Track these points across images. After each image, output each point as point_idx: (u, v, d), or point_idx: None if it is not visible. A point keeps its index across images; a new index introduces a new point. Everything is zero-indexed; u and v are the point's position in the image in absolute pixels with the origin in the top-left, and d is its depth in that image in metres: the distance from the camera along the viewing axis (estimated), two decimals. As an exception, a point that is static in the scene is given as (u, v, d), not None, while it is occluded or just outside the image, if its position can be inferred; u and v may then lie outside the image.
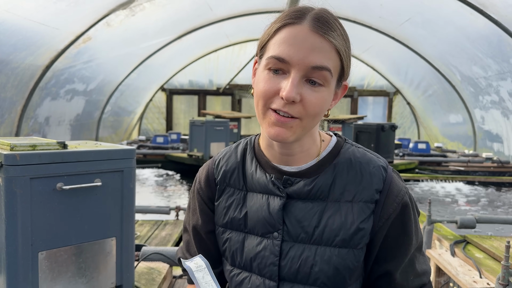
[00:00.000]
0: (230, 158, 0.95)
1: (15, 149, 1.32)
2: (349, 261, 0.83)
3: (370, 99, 12.30)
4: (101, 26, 6.44)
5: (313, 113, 0.78)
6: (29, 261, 1.35)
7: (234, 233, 0.92)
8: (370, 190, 0.84)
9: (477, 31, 6.68)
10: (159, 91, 12.19)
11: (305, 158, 0.87)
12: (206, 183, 0.97)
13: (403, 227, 0.85)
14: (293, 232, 0.85)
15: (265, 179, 0.87)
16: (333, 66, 0.78)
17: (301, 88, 0.76)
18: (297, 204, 0.85)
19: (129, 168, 1.57)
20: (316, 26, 0.76)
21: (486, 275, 2.19)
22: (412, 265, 0.87)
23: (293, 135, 0.79)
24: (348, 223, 0.82)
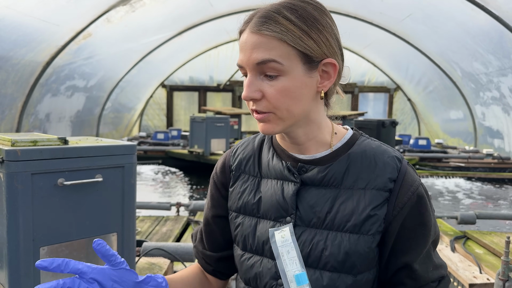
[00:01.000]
0: (248, 147, 0.99)
1: (16, 144, 1.32)
2: (359, 246, 0.84)
3: (370, 95, 12.29)
4: (101, 22, 6.43)
5: (281, 104, 0.81)
6: (31, 257, 1.36)
7: (247, 218, 0.94)
8: (383, 178, 0.85)
9: (478, 27, 6.67)
10: (160, 88, 12.18)
11: (315, 147, 0.89)
12: (221, 169, 1.01)
13: (420, 218, 0.85)
14: (305, 217, 0.86)
15: (281, 165, 0.89)
16: (279, 54, 0.79)
17: (260, 84, 0.81)
18: (311, 190, 0.87)
19: (130, 164, 1.57)
20: (253, 27, 0.81)
21: (486, 271, 2.20)
22: (429, 257, 0.88)
23: (277, 127, 0.83)
24: (359, 209, 0.84)
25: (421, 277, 0.87)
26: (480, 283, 2.08)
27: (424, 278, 0.87)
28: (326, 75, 0.85)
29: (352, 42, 10.80)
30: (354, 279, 0.85)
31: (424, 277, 0.87)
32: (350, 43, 10.97)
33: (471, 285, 2.08)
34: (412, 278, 0.87)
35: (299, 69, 0.81)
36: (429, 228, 0.86)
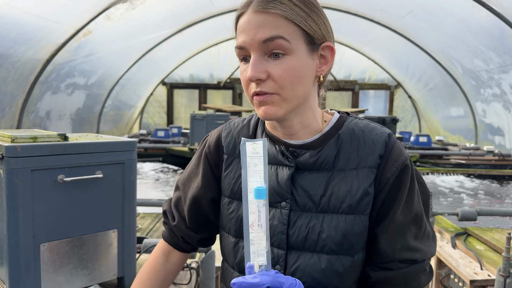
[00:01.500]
0: (243, 130, 0.97)
1: (16, 141, 1.32)
2: (356, 227, 0.84)
3: (371, 93, 12.28)
4: (101, 20, 6.42)
5: (287, 83, 0.80)
6: (31, 253, 1.35)
7: (241, 203, 0.92)
8: (373, 155, 0.85)
9: (479, 23, 6.65)
10: (160, 85, 12.17)
11: (307, 135, 0.89)
12: (215, 148, 0.99)
13: (397, 191, 0.85)
14: (300, 202, 0.86)
15: (274, 150, 0.89)
16: (286, 32, 0.79)
17: (265, 65, 0.79)
18: (304, 175, 0.86)
19: (130, 160, 1.56)
20: (256, 6, 0.80)
21: (487, 267, 2.20)
22: (403, 236, 0.86)
23: (280, 109, 0.82)
24: (353, 189, 0.83)
25: (385, 252, 0.86)
26: (481, 279, 2.08)
27: (388, 255, 0.86)
28: (324, 60, 0.86)
29: (353, 39, 10.78)
30: (352, 260, 0.85)
31: (389, 253, 0.86)
32: (351, 40, 10.95)
33: (472, 281, 2.08)
34: (377, 252, 0.87)
35: (303, 50, 0.81)
36: (400, 202, 0.85)
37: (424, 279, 0.91)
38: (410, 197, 0.86)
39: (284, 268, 0.86)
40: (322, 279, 0.84)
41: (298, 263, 0.85)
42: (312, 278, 0.84)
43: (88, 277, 1.50)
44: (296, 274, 0.85)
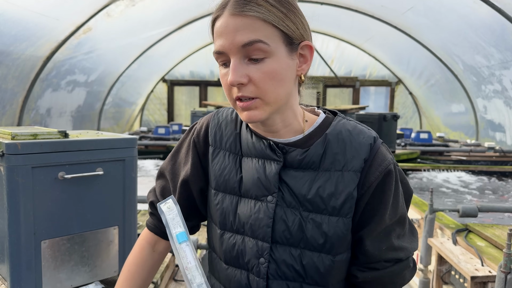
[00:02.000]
0: (230, 123, 0.97)
1: (16, 138, 1.32)
2: (338, 229, 0.85)
3: (372, 89, 12.26)
4: (101, 17, 6.41)
5: (268, 87, 0.79)
6: (32, 250, 1.36)
7: (227, 196, 0.93)
8: (359, 159, 0.85)
9: (480, 19, 6.63)
10: (160, 82, 12.16)
11: (288, 133, 0.89)
12: (204, 138, 0.98)
13: (382, 196, 0.85)
14: (286, 198, 0.86)
15: (262, 144, 0.89)
16: (264, 35, 0.78)
17: (246, 69, 0.79)
18: (290, 172, 0.87)
19: (130, 157, 1.56)
20: (233, 9, 0.79)
21: (488, 263, 2.20)
22: (387, 237, 0.88)
23: (264, 113, 0.82)
24: (338, 192, 0.84)
25: (371, 253, 0.88)
26: (482, 275, 2.08)
27: (374, 256, 0.88)
28: (303, 58, 0.85)
29: (353, 35, 10.75)
30: (332, 259, 0.86)
31: (375, 255, 0.88)
32: (352, 37, 10.92)
33: (472, 277, 2.08)
34: (362, 253, 0.88)
35: (283, 51, 0.81)
36: (387, 206, 0.86)
37: (409, 275, 0.94)
38: (396, 200, 0.87)
39: (268, 260, 0.87)
40: (302, 273, 0.86)
41: (282, 257, 0.86)
42: (295, 271, 0.86)
43: (89, 274, 1.51)
44: (279, 266, 0.86)
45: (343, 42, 11.19)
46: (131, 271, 1.03)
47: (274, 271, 0.87)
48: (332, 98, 11.95)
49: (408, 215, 0.94)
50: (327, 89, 11.84)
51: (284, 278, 0.87)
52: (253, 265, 0.88)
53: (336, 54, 11.51)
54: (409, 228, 0.93)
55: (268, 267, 0.87)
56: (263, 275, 0.87)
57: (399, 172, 0.90)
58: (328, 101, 11.81)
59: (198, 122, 1.03)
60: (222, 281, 0.96)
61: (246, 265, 0.90)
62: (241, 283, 0.91)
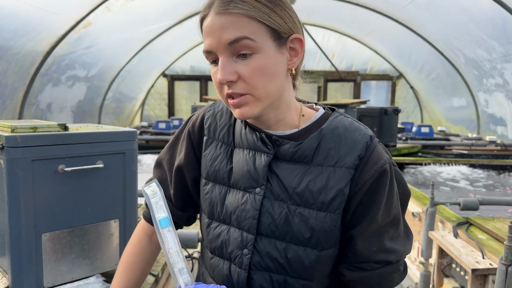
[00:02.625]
0: (226, 113, 0.97)
1: (16, 131, 1.31)
2: (326, 224, 0.84)
3: (373, 83, 12.22)
4: (101, 11, 6.38)
5: (258, 82, 0.80)
6: (33, 243, 1.36)
7: (217, 186, 0.94)
8: (353, 156, 0.85)
9: (482, 12, 6.59)
10: (161, 77, 12.13)
11: (283, 127, 0.89)
12: (199, 128, 1.00)
13: (375, 195, 0.85)
14: (274, 190, 0.86)
15: (254, 136, 0.89)
16: (250, 31, 0.78)
17: (234, 66, 0.79)
18: (282, 165, 0.87)
19: (131, 150, 1.56)
20: (218, 7, 0.79)
21: (489, 256, 2.20)
22: (379, 238, 0.87)
23: (256, 109, 0.82)
24: (328, 187, 0.84)
25: (361, 253, 0.87)
26: (482, 268, 2.08)
27: (364, 256, 0.87)
28: (294, 52, 0.86)
29: (354, 29, 10.70)
30: (318, 254, 0.86)
31: (364, 255, 0.87)
32: (353, 31, 10.87)
33: (473, 270, 2.08)
34: (352, 252, 0.88)
35: (271, 46, 0.81)
36: (380, 206, 0.85)
37: (398, 278, 0.93)
38: (389, 200, 0.87)
39: (251, 252, 0.87)
40: (286, 266, 0.86)
41: (266, 249, 0.86)
42: (278, 264, 0.86)
43: (90, 267, 1.51)
44: (263, 258, 0.87)
45: (344, 36, 11.14)
46: (129, 262, 1.03)
47: (257, 263, 0.87)
48: (333, 93, 11.92)
49: (409, 208, 0.93)
50: (328, 84, 11.81)
51: (267, 270, 0.87)
52: (236, 256, 0.88)
53: (337, 48, 11.47)
54: (404, 231, 0.92)
55: (251, 259, 0.87)
56: (245, 266, 0.87)
57: (396, 173, 0.89)
58: (329, 95, 11.79)
59: (195, 113, 1.04)
60: (208, 269, 0.97)
61: (229, 255, 0.90)
62: (222, 273, 0.91)
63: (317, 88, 11.78)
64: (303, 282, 0.87)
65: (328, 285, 0.92)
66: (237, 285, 0.88)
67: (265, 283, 0.87)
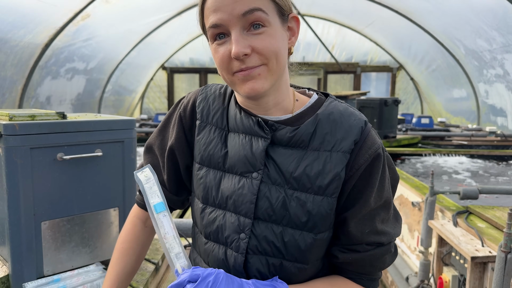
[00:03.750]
0: (219, 99, 0.97)
1: (14, 119, 1.31)
2: (322, 208, 0.85)
3: (373, 75, 12.18)
4: (99, 3, 6.34)
5: (272, 54, 0.80)
6: (32, 231, 1.36)
7: (211, 171, 0.93)
8: (348, 140, 0.85)
9: (482, 2, 6.55)
10: (160, 70, 12.10)
11: (279, 111, 0.90)
12: (190, 112, 0.98)
13: (369, 178, 0.86)
14: (271, 175, 0.87)
15: (250, 120, 0.89)
16: (263, 4, 0.79)
17: (247, 40, 0.79)
18: (279, 150, 0.87)
19: (129, 139, 1.56)
20: None
21: (488, 244, 2.20)
22: (371, 220, 0.89)
23: (266, 82, 0.81)
24: (325, 171, 0.84)
25: (354, 235, 0.89)
26: (482, 255, 2.08)
27: (356, 238, 0.89)
28: (291, 31, 0.87)
29: (354, 21, 10.65)
30: (314, 238, 0.87)
31: (357, 237, 0.89)
32: (352, 22, 10.82)
33: (473, 258, 2.09)
34: (345, 234, 0.89)
35: (278, 21, 0.82)
36: (373, 189, 0.86)
37: (389, 259, 0.95)
38: (382, 184, 0.88)
39: (248, 236, 0.87)
40: (283, 250, 0.87)
41: (263, 233, 0.87)
42: (275, 247, 0.87)
43: (90, 255, 1.51)
44: (260, 242, 0.87)
45: (344, 27, 11.09)
46: (124, 248, 1.03)
47: (254, 247, 0.87)
48: (333, 84, 11.89)
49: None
50: (328, 75, 11.78)
51: (264, 254, 0.87)
52: (233, 240, 0.88)
53: (337, 40, 11.42)
54: (393, 214, 0.94)
55: (248, 243, 0.87)
56: (242, 250, 0.87)
57: (387, 158, 0.91)
58: (329, 87, 11.76)
59: (186, 96, 1.03)
60: (202, 255, 0.96)
61: (225, 240, 0.90)
62: (218, 257, 0.91)
63: (317, 80, 11.76)
64: (299, 265, 0.88)
65: (321, 268, 0.94)
66: (234, 269, 0.89)
67: (262, 266, 0.88)
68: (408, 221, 3.45)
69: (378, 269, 0.94)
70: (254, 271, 0.88)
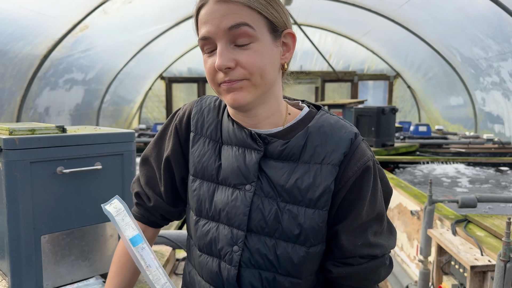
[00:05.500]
0: (213, 111, 0.97)
1: (14, 133, 1.32)
2: (314, 221, 0.85)
3: (370, 83, 12.24)
4: (98, 14, 6.38)
5: (256, 69, 0.80)
6: (32, 245, 1.36)
7: (205, 183, 0.93)
8: (338, 153, 0.86)
9: (477, 11, 6.61)
10: (158, 80, 12.14)
11: (270, 125, 0.90)
12: (186, 124, 0.99)
13: (359, 191, 0.86)
14: (264, 188, 0.87)
15: (243, 133, 0.89)
16: (250, 20, 0.80)
17: (233, 53, 0.80)
18: (270, 163, 0.88)
19: (129, 152, 1.57)
20: None
21: (488, 253, 2.21)
22: (363, 233, 0.88)
23: (249, 94, 0.82)
24: (316, 184, 0.85)
25: (346, 248, 0.88)
26: (481, 264, 2.09)
27: (349, 251, 0.89)
28: (286, 47, 0.87)
29: (351, 29, 10.73)
30: (306, 251, 0.87)
31: (350, 250, 0.88)
32: (349, 31, 10.90)
33: (472, 267, 2.09)
34: (338, 247, 0.89)
35: (267, 37, 0.83)
36: (365, 202, 0.87)
37: (384, 272, 0.94)
38: (374, 197, 0.88)
39: (241, 248, 0.87)
40: (276, 263, 0.86)
41: (256, 246, 0.87)
42: (268, 260, 0.87)
43: (90, 268, 1.51)
44: (253, 255, 0.87)
45: (341, 36, 11.16)
46: (122, 261, 1.03)
47: (247, 260, 0.87)
48: (331, 93, 11.94)
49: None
50: (326, 84, 11.82)
51: (257, 267, 0.87)
52: (226, 253, 0.88)
53: (334, 48, 11.49)
54: (387, 227, 0.93)
55: (242, 255, 0.87)
56: (235, 263, 0.87)
57: (379, 170, 0.91)
58: (326, 95, 11.80)
59: (181, 107, 1.03)
60: (196, 268, 0.97)
61: (218, 252, 0.90)
62: (212, 270, 0.91)
63: (314, 88, 11.81)
64: (292, 280, 0.87)
65: (316, 283, 0.93)
66: (227, 282, 0.88)
67: (255, 280, 0.87)
68: (407, 229, 3.45)
69: (373, 282, 0.93)
70: (247, 285, 0.88)
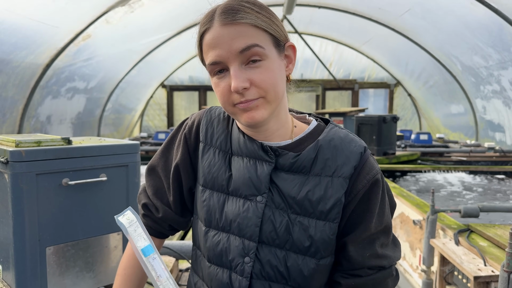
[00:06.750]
0: (223, 123, 0.98)
1: (20, 145, 1.33)
2: (325, 233, 0.86)
3: (371, 92, 12.27)
4: (100, 23, 6.43)
5: (269, 86, 0.82)
6: (37, 257, 1.36)
7: (215, 193, 0.93)
8: (349, 166, 0.87)
9: (477, 20, 6.65)
10: (160, 88, 12.18)
11: (279, 137, 0.91)
12: (195, 134, 0.99)
13: (368, 204, 0.88)
14: (275, 199, 0.88)
15: (255, 145, 0.90)
16: (259, 39, 0.81)
17: (245, 73, 0.81)
18: (281, 175, 0.88)
19: (133, 163, 1.57)
20: (223, 19, 0.81)
21: (491, 263, 2.20)
22: (371, 244, 0.90)
23: (265, 112, 0.84)
24: (327, 197, 0.86)
25: (355, 260, 0.89)
26: (485, 275, 2.08)
27: (358, 262, 0.90)
28: (288, 59, 0.90)
29: (352, 38, 10.78)
30: (316, 263, 0.88)
31: (358, 261, 0.90)
32: (350, 40, 10.95)
33: (475, 277, 2.09)
34: (346, 259, 0.90)
35: (274, 53, 0.85)
36: (373, 215, 0.88)
37: (392, 283, 0.95)
38: (382, 209, 0.90)
39: (253, 260, 0.88)
40: (286, 275, 0.87)
41: (267, 257, 0.88)
42: (278, 272, 0.87)
43: (94, 279, 1.51)
44: (264, 266, 0.87)
45: (341, 45, 11.22)
46: (127, 274, 1.03)
47: (258, 271, 0.88)
48: (331, 101, 11.97)
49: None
50: (326, 92, 11.86)
51: (267, 279, 0.88)
52: (237, 264, 0.89)
53: (334, 57, 11.54)
54: (392, 239, 0.95)
55: (253, 267, 0.88)
56: (246, 274, 0.88)
57: (386, 184, 0.92)
58: (327, 103, 11.83)
59: (189, 117, 1.03)
60: (205, 279, 0.96)
61: (229, 263, 0.90)
62: (222, 281, 0.91)
63: (315, 96, 11.84)
64: None
65: None
66: None
67: None
68: (409, 239, 3.44)
69: None
70: None
